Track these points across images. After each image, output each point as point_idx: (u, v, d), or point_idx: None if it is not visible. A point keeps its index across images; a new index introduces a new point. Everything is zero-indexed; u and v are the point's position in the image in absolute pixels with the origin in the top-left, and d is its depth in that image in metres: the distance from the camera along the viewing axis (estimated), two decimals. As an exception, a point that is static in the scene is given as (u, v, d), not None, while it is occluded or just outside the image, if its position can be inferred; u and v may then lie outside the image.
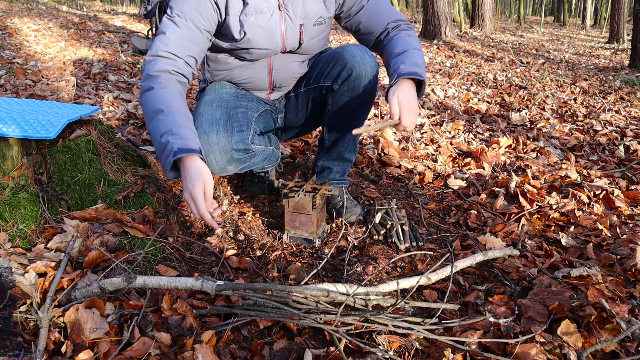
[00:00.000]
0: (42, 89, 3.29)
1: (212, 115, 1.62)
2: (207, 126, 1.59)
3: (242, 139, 1.63)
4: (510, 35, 11.32)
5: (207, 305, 1.26)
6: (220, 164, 1.62)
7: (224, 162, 1.62)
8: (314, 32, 1.68)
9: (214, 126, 1.59)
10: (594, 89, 4.93)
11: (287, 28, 1.62)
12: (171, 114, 1.36)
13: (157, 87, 1.41)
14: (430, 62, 6.05)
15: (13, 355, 1.01)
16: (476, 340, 1.15)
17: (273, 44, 1.63)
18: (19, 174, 1.53)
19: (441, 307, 1.24)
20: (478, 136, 3.06)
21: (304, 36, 1.66)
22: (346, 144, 1.85)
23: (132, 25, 7.63)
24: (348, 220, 1.83)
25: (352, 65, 1.65)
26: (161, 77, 1.43)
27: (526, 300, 1.29)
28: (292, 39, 1.65)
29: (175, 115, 1.37)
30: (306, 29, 1.65)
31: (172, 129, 1.33)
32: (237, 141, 1.62)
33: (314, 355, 1.09)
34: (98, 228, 1.48)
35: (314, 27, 1.67)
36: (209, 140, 1.58)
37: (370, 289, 1.29)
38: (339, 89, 1.71)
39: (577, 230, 1.75)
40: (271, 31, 1.60)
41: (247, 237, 1.75)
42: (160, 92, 1.41)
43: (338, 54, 1.69)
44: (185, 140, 1.32)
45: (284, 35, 1.63)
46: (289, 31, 1.63)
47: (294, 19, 1.62)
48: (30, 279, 1.24)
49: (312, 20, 1.65)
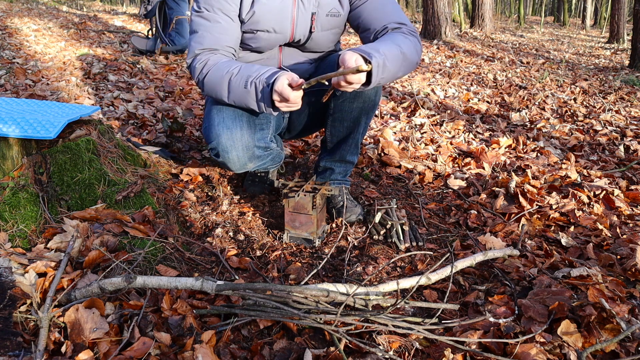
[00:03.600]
0: (42, 89, 3.29)
1: (232, 113, 1.60)
2: (231, 121, 1.58)
3: (263, 136, 1.65)
4: (510, 35, 11.32)
5: (207, 305, 1.26)
6: (242, 161, 1.63)
7: (245, 159, 1.62)
8: (325, 23, 1.64)
9: (238, 122, 1.58)
10: (594, 89, 4.93)
11: (298, 13, 1.59)
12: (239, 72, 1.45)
13: (210, 69, 1.49)
14: (430, 62, 6.05)
15: (13, 355, 1.01)
16: (476, 340, 1.15)
17: (282, 28, 1.60)
18: (19, 174, 1.53)
19: (441, 307, 1.24)
20: (478, 136, 3.06)
21: (315, 25, 1.62)
22: (348, 147, 1.86)
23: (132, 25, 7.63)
24: (348, 220, 1.83)
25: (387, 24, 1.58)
26: (208, 60, 1.50)
27: (526, 300, 1.29)
28: (303, 26, 1.62)
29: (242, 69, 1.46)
30: (318, 18, 1.61)
31: (249, 75, 1.43)
32: (260, 138, 1.63)
33: (314, 355, 1.09)
34: (98, 228, 1.48)
35: (326, 17, 1.63)
36: (233, 136, 1.58)
37: (371, 289, 1.29)
38: (342, 95, 1.70)
39: (577, 230, 1.75)
40: (282, 13, 1.56)
41: (247, 237, 1.75)
42: (215, 69, 1.48)
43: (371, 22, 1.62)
44: (267, 72, 1.42)
45: (294, 20, 1.59)
46: (300, 17, 1.60)
47: (307, 6, 1.59)
48: (30, 279, 1.24)
49: (325, 10, 1.62)
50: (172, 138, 2.53)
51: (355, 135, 1.82)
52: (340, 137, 1.83)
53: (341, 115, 1.76)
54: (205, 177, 2.13)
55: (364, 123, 1.78)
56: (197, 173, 2.12)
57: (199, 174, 2.12)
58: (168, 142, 2.48)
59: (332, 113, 1.78)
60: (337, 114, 1.76)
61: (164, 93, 3.61)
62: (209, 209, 1.89)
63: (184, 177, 2.07)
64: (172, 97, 3.50)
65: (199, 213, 1.85)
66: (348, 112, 1.74)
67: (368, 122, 1.80)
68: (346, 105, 1.72)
